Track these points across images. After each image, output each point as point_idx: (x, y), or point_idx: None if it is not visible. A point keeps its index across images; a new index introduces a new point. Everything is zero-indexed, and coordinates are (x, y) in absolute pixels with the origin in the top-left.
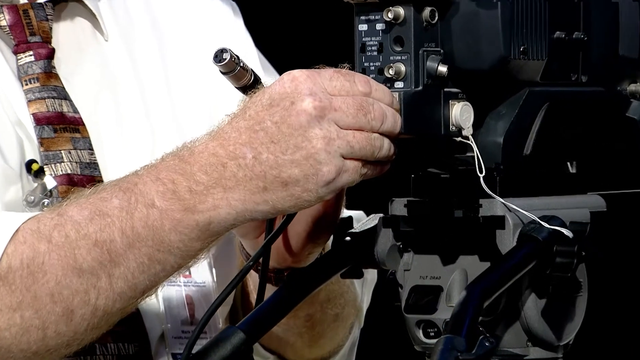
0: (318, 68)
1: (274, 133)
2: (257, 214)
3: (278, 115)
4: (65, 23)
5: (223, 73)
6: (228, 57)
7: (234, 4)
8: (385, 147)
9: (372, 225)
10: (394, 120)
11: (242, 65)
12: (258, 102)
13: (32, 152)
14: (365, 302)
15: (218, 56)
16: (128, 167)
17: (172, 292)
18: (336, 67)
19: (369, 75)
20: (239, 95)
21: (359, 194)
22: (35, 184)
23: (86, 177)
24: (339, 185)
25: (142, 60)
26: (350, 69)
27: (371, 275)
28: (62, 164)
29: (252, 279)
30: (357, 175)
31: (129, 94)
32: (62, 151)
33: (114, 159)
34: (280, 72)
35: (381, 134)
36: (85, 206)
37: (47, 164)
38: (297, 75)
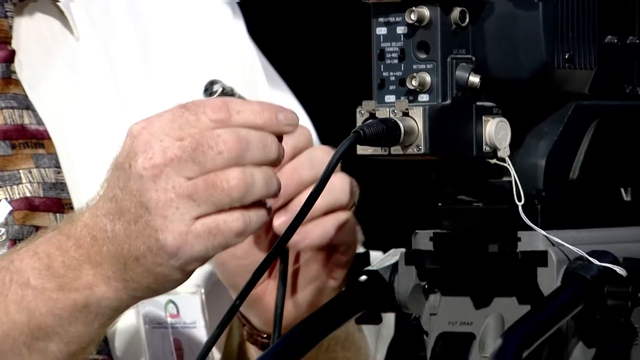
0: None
1: (121, 201)
2: (136, 293)
3: (121, 180)
4: (29, 21)
5: None
6: (219, 90)
7: (234, 3)
8: (258, 183)
9: (393, 262)
10: (262, 145)
11: (237, 97)
12: (111, 165)
13: None
14: None
15: (208, 89)
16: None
17: (158, 335)
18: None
19: (388, 87)
20: None
21: (376, 227)
22: None
23: (51, 200)
24: (194, 256)
25: (121, 62)
26: (222, 89)
27: (387, 329)
28: (20, 185)
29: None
30: (213, 239)
31: (105, 101)
32: (21, 171)
33: (87, 178)
34: (288, 78)
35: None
36: None
37: (1, 187)
38: (135, 129)
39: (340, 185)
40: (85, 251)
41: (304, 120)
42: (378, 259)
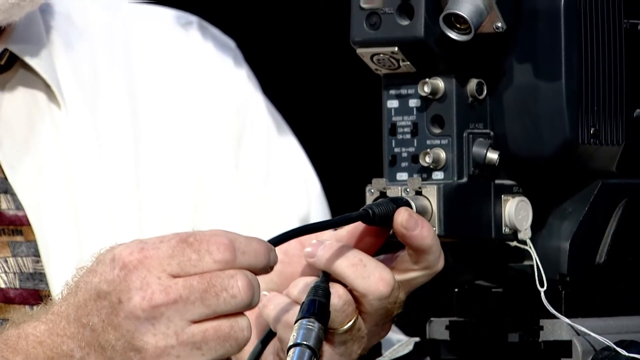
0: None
1: (101, 335)
2: None
3: (104, 312)
4: (12, 96)
5: None
6: None
7: (235, 48)
8: (248, 333)
9: (406, 352)
10: (254, 292)
11: None
12: (89, 287)
13: None
14: None
15: None
16: None
17: None
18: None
19: (400, 164)
20: (230, 167)
21: None
22: None
23: (27, 292)
24: None
25: (108, 136)
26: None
27: None
28: None
29: None
30: None
31: (89, 183)
32: None
33: (68, 268)
34: (291, 119)
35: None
36: None
37: None
38: (128, 260)
39: None
40: None
41: (309, 172)
42: (390, 348)
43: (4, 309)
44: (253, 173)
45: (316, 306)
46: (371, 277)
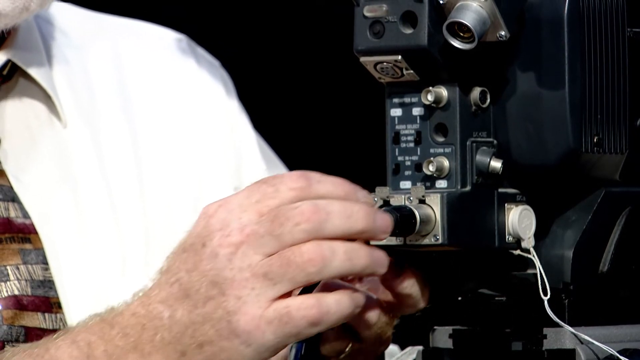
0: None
1: (187, 284)
2: None
3: (190, 262)
4: (14, 106)
5: None
6: None
7: (226, 76)
8: (338, 257)
9: None
10: (345, 216)
11: None
12: (175, 249)
13: None
14: None
15: None
16: (90, 287)
17: None
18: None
19: (403, 173)
20: (229, 184)
21: None
22: None
23: (39, 299)
24: (266, 344)
25: (110, 150)
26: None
27: None
28: (8, 282)
29: None
30: (284, 327)
31: (93, 192)
32: (8, 267)
33: (74, 275)
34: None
35: (332, 239)
36: None
37: None
38: (209, 208)
39: None
40: (133, 340)
41: None
42: (393, 356)
43: (19, 315)
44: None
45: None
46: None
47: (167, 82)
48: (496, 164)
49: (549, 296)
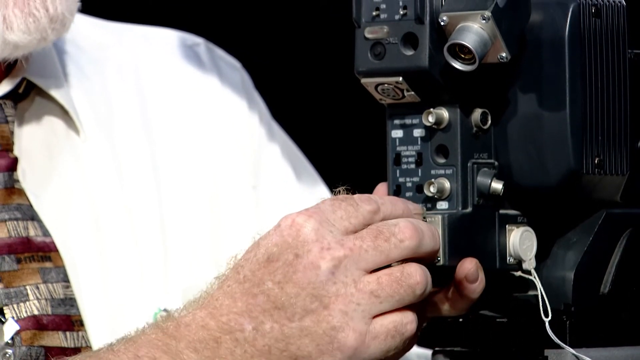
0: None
1: (277, 296)
2: None
3: (280, 273)
4: (31, 124)
5: None
6: None
7: (246, 77)
8: (429, 277)
9: None
10: (432, 234)
11: None
12: (253, 259)
13: None
14: None
15: None
16: (110, 303)
17: None
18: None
19: (405, 194)
20: (246, 196)
21: None
22: None
23: (60, 318)
24: (368, 358)
25: (128, 162)
26: (346, 191)
27: None
28: (28, 302)
29: None
30: (391, 341)
31: (111, 206)
32: (28, 287)
33: (96, 291)
34: (304, 145)
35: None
36: None
37: (7, 305)
38: (297, 218)
39: None
40: (209, 354)
41: (326, 193)
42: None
43: (38, 335)
44: (272, 193)
45: None
46: None
47: (184, 90)
48: (497, 186)
49: (550, 317)
